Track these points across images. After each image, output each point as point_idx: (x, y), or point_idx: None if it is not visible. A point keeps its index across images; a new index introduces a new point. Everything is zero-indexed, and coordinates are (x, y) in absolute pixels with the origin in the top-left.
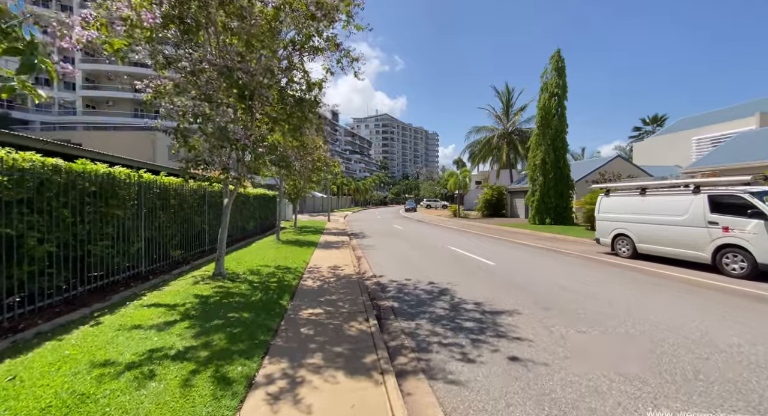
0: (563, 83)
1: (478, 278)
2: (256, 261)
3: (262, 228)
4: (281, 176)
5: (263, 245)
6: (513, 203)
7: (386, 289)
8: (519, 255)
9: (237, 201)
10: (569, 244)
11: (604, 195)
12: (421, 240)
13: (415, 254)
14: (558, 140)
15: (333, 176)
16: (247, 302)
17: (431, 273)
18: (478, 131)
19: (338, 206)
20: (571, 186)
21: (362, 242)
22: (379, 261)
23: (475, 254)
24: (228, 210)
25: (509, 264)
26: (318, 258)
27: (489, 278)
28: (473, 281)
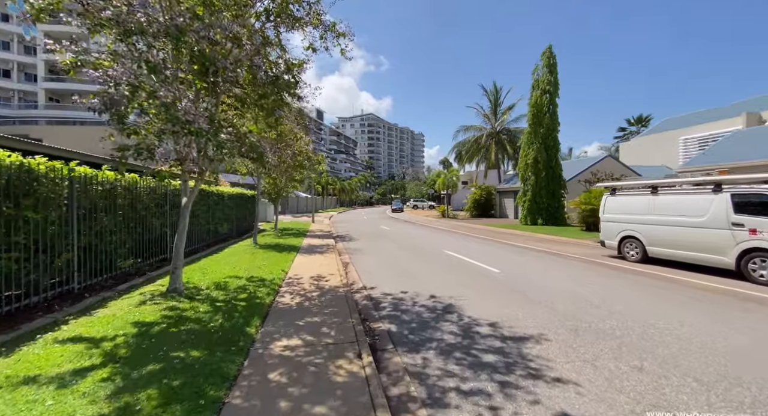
0: (555, 80)
1: (485, 288)
2: (226, 271)
3: (238, 231)
4: (259, 174)
5: (237, 250)
6: (502, 204)
7: (380, 305)
8: (521, 260)
9: (209, 201)
10: (569, 246)
11: (610, 194)
12: (412, 243)
13: (409, 260)
14: (550, 139)
15: (317, 174)
16: (203, 330)
17: (430, 283)
18: (467, 130)
19: (323, 206)
20: (563, 186)
21: (349, 246)
22: (369, 268)
23: (473, 258)
24: (186, 211)
25: (514, 271)
26: (299, 266)
27: (496, 288)
28: (480, 293)
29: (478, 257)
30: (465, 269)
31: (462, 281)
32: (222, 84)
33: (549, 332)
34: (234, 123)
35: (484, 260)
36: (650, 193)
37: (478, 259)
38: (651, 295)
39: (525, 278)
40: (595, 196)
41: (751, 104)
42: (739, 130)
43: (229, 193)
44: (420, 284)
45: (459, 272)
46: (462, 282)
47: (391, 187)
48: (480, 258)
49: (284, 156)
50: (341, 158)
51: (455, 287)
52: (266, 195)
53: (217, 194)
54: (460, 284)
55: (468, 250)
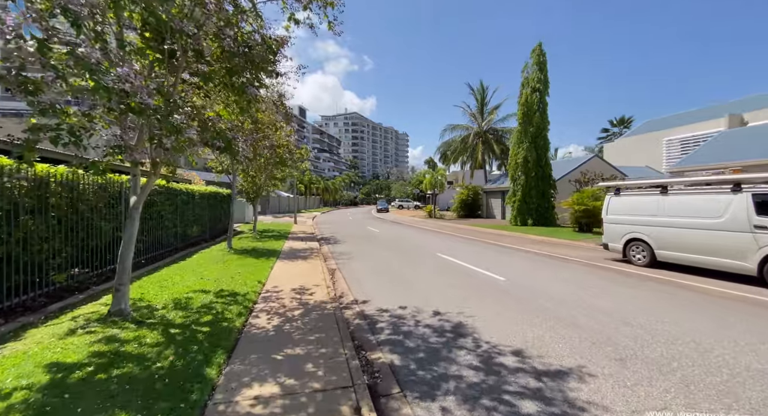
0: (545, 78)
1: (495, 302)
2: (191, 283)
3: (213, 234)
4: (233, 171)
5: (208, 256)
6: (489, 204)
7: (377, 326)
8: (523, 265)
9: (176, 201)
10: (567, 249)
11: (614, 194)
12: (403, 246)
13: (402, 265)
14: (540, 138)
15: (300, 172)
16: (144, 376)
17: (431, 296)
18: (453, 129)
19: (306, 206)
20: (553, 186)
21: (335, 250)
22: (359, 276)
23: (472, 263)
24: (136, 213)
25: (520, 279)
26: (279, 275)
27: (507, 301)
28: (491, 307)
29: (477, 262)
30: (466, 276)
31: (467, 293)
32: (181, 55)
33: (589, 362)
34: (194, 103)
35: (484, 266)
36: (659, 193)
37: (478, 264)
38: (681, 308)
39: (534, 288)
40: (588, 196)
41: (734, 106)
42: (725, 131)
43: (201, 192)
44: (420, 297)
45: (460, 280)
46: (467, 294)
47: (375, 187)
48: (479, 263)
49: (261, 149)
50: (325, 157)
51: (461, 301)
52: (244, 194)
53: (187, 192)
54: (466, 297)
55: (463, 253)
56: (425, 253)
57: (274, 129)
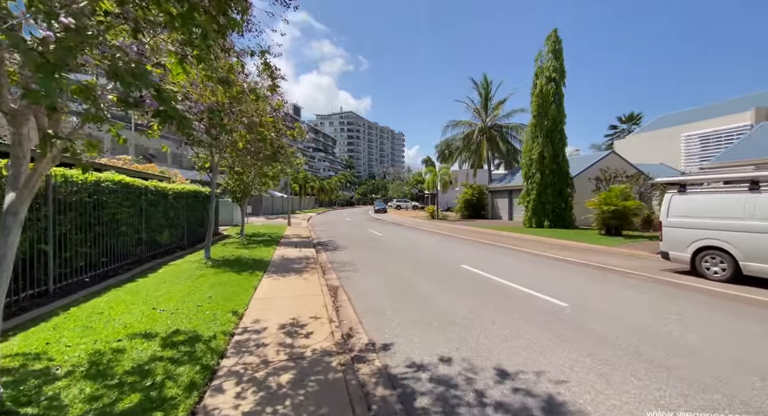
0: (561, 67)
1: (579, 348)
2: (133, 320)
3: (193, 239)
4: (215, 164)
5: (178, 271)
6: (494, 204)
7: (415, 406)
8: (573, 281)
9: (140, 201)
10: (606, 257)
11: (677, 192)
12: (415, 253)
13: (423, 282)
14: (556, 132)
15: (293, 169)
16: None
17: (481, 336)
18: (456, 125)
19: (300, 207)
20: (571, 184)
21: (336, 258)
22: (371, 300)
23: (510, 279)
24: (14, 219)
25: (582, 302)
26: (265, 300)
27: (596, 347)
28: (582, 361)
29: (515, 277)
30: (514, 300)
31: (531, 332)
32: None
33: None
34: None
35: (526, 283)
36: (747, 189)
37: (518, 280)
38: None
39: (612, 320)
40: (616, 195)
41: (758, 98)
42: (766, 123)
43: (176, 190)
44: (466, 339)
45: (509, 307)
46: (532, 334)
47: (371, 187)
48: (519, 279)
49: (234, 123)
50: (320, 157)
51: (530, 346)
52: (230, 194)
53: (156, 191)
54: (534, 340)
55: (492, 264)
56: (445, 264)
57: (254, 98)
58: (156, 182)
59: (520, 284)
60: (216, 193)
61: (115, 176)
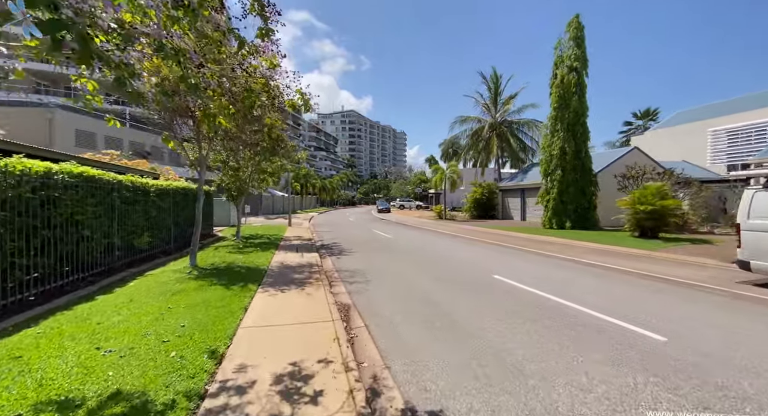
0: (583, 55)
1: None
2: (57, 372)
3: (181, 243)
4: (202, 157)
5: (152, 283)
6: (505, 203)
7: None
8: (647, 298)
9: (110, 199)
10: (661, 265)
11: (763, 187)
12: (434, 259)
13: (456, 301)
14: (578, 125)
15: (294, 164)
16: None
17: (576, 401)
18: (464, 121)
19: (302, 206)
20: (594, 182)
21: (343, 265)
22: (398, 332)
23: (566, 297)
24: None
25: (676, 331)
26: (255, 331)
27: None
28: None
29: (569, 294)
30: (584, 330)
31: (645, 393)
32: None
33: None
34: None
35: (589, 302)
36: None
37: (577, 299)
38: None
39: (728, 365)
40: (652, 193)
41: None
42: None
43: (160, 186)
44: (554, 405)
45: (580, 337)
46: (647, 393)
47: (373, 186)
48: (576, 296)
49: (208, 81)
50: (321, 156)
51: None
52: (226, 193)
53: (133, 186)
54: (650, 401)
55: (530, 275)
56: (474, 274)
57: (237, 48)
58: (133, 177)
59: (580, 304)
60: (210, 190)
61: (73, 168)
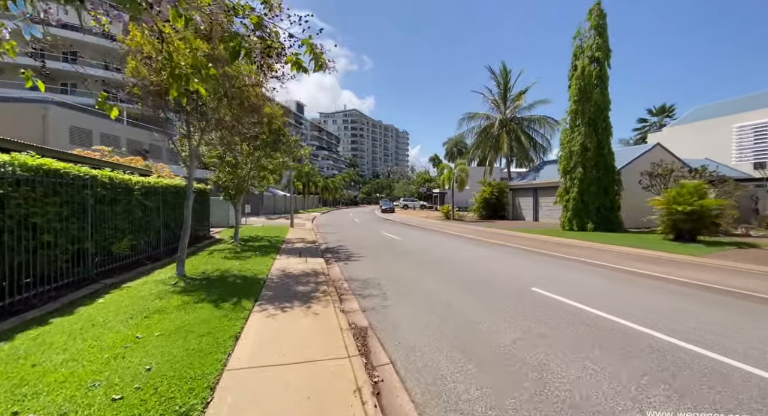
0: (606, 44)
1: None
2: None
3: (172, 247)
4: (192, 150)
5: (126, 300)
6: (516, 203)
7: None
8: (747, 325)
9: (79, 197)
10: (712, 273)
11: None
12: (456, 267)
13: (497, 326)
14: (600, 119)
15: (296, 161)
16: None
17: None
18: (472, 117)
19: (304, 206)
20: (618, 180)
21: (352, 273)
22: (437, 374)
23: (631, 319)
24: None
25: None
26: (246, 375)
27: None
28: None
29: (637, 317)
30: (682, 370)
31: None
32: None
33: None
34: None
35: (679, 332)
36: None
37: (648, 322)
38: None
39: None
40: (690, 192)
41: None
42: None
43: (146, 183)
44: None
45: (676, 378)
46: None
47: (376, 186)
48: (645, 319)
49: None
50: (323, 155)
51: None
52: (223, 192)
53: (113, 183)
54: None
55: (574, 287)
56: (508, 285)
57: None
58: (113, 172)
59: (661, 331)
60: (206, 189)
61: (28, 159)
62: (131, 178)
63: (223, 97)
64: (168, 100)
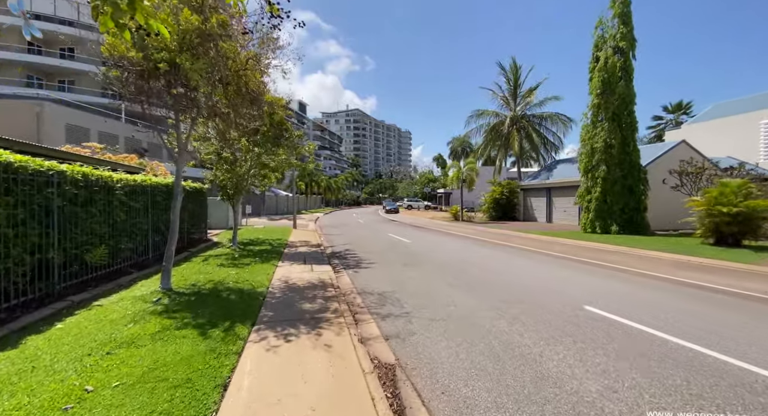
0: (631, 34)
1: None
2: None
3: (160, 252)
4: (181, 142)
5: (91, 326)
6: (527, 204)
7: None
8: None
9: (40, 196)
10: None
11: None
12: (484, 277)
13: (562, 359)
14: (625, 114)
15: (299, 158)
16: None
17: None
18: (481, 115)
19: (307, 206)
20: (644, 179)
21: (365, 284)
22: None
23: (738, 356)
24: None
25: None
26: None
27: None
28: None
29: (730, 347)
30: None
31: None
32: None
33: None
34: None
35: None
36: None
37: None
38: None
39: None
40: (734, 192)
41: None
42: None
43: (129, 181)
44: None
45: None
46: None
47: (379, 186)
48: (748, 353)
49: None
50: (326, 155)
51: None
52: (221, 192)
53: (87, 180)
54: None
55: (636, 307)
56: (556, 304)
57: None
58: (86, 168)
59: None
60: (203, 188)
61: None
62: (111, 175)
63: (218, 82)
64: (152, 83)
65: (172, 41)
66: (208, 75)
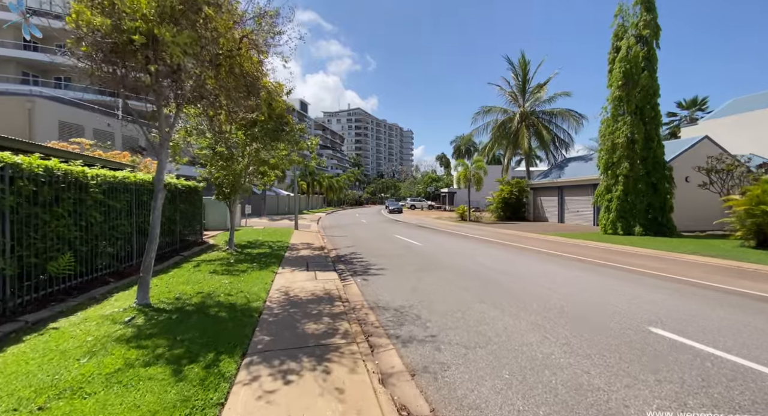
0: (654, 21)
1: None
2: None
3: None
4: (164, 131)
5: (33, 362)
6: (537, 203)
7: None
8: None
9: (21, 191)
10: None
11: None
12: (516, 287)
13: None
14: (648, 107)
15: (301, 155)
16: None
17: None
18: (488, 111)
19: (308, 206)
20: (669, 177)
21: (376, 296)
22: None
23: None
24: None
25: None
26: None
27: None
28: None
29: None
30: None
31: None
32: None
33: None
34: None
35: None
36: None
37: None
38: None
39: None
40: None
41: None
42: None
43: (109, 178)
44: None
45: None
46: None
47: (381, 185)
48: None
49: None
50: (327, 155)
51: None
52: (217, 191)
53: (51, 176)
54: None
55: (716, 331)
56: (616, 325)
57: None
58: (50, 161)
59: None
60: (198, 186)
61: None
62: (84, 169)
63: (207, 63)
64: (126, 60)
65: (149, 8)
66: (195, 52)
